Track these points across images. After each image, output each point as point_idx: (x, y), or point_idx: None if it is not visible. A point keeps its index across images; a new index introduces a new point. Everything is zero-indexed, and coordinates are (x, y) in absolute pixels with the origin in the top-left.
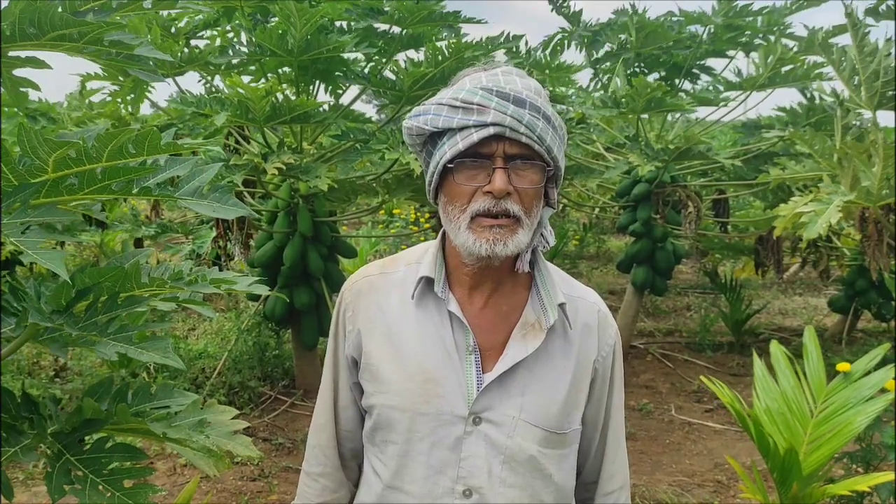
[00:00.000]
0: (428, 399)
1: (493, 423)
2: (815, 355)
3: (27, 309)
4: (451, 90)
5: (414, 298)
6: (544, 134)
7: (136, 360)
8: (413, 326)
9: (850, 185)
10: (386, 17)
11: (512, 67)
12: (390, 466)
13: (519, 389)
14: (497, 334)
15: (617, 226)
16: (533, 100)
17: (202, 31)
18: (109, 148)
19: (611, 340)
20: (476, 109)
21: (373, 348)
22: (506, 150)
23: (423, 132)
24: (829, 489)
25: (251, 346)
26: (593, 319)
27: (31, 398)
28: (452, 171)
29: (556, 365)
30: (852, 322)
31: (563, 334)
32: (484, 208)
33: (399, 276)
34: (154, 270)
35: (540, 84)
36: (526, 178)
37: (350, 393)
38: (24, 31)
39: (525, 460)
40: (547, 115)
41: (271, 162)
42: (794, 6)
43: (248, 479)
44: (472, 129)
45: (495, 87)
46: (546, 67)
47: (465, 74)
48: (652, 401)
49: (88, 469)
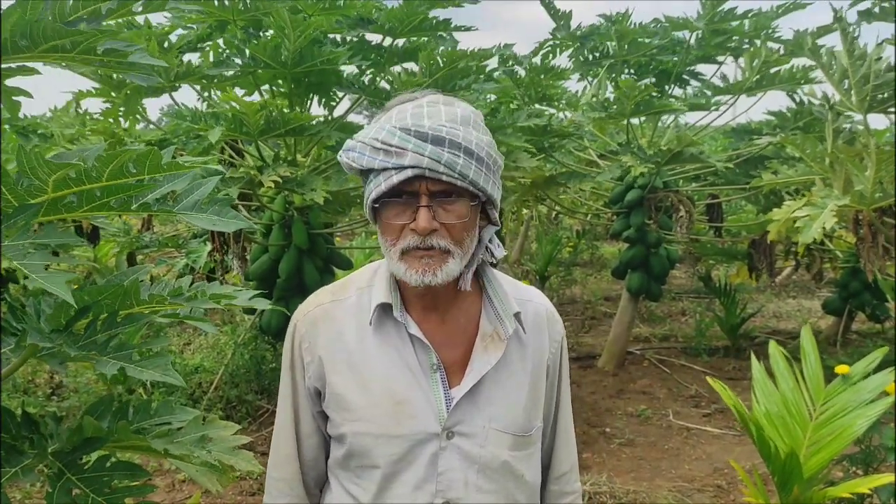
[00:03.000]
0: (399, 421)
1: (465, 435)
2: (813, 357)
3: (26, 329)
4: (375, 125)
5: (372, 324)
6: (465, 170)
7: (132, 377)
8: (375, 351)
9: (843, 188)
10: (376, 27)
11: (439, 95)
12: (370, 490)
13: (486, 400)
14: (458, 349)
15: (610, 232)
16: (454, 136)
17: (196, 45)
18: (110, 168)
19: (558, 336)
20: (395, 152)
21: (336, 378)
22: (429, 188)
23: (353, 168)
24: (829, 492)
25: (248, 359)
26: (542, 320)
27: (31, 417)
28: (378, 209)
29: (515, 370)
30: (847, 324)
31: (517, 339)
32: (412, 245)
33: (352, 302)
34: (153, 287)
35: (469, 107)
36: (453, 212)
37: (313, 422)
38: (17, 43)
39: (498, 466)
40: (469, 150)
41: (267, 175)
42: (781, 9)
43: (247, 494)
44: (392, 171)
45: (414, 127)
46: (540, 72)
47: (395, 104)
48: (650, 406)
49: (89, 488)
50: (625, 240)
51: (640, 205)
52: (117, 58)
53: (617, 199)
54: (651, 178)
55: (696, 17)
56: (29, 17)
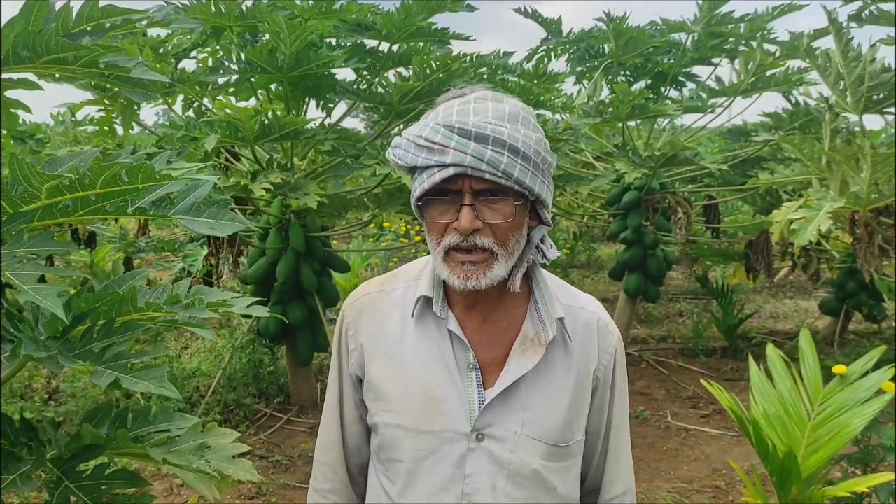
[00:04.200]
0: (431, 417)
1: (495, 438)
2: (812, 358)
3: (22, 339)
4: (421, 122)
5: (413, 317)
6: (510, 168)
7: None
8: (414, 345)
9: (840, 189)
10: (374, 33)
11: (488, 91)
12: (397, 484)
13: (520, 405)
14: (497, 350)
15: (608, 233)
16: (498, 133)
17: (192, 52)
18: (103, 178)
19: (611, 349)
20: (437, 149)
21: (375, 367)
22: (472, 186)
23: (400, 166)
24: (828, 491)
25: (245, 363)
26: (593, 329)
27: (29, 423)
28: (423, 207)
29: (557, 378)
30: (843, 324)
31: (563, 346)
32: (454, 244)
33: (399, 294)
34: (150, 294)
35: (519, 103)
36: (497, 211)
37: (356, 409)
38: (18, 54)
39: (529, 474)
40: (514, 147)
41: (259, 182)
42: (776, 11)
43: (245, 498)
44: (434, 168)
45: (458, 124)
46: (534, 77)
47: (443, 100)
48: (648, 408)
49: (88, 496)
50: (622, 241)
51: (638, 206)
52: (119, 72)
53: (614, 201)
54: (648, 180)
55: (692, 20)
56: (32, 29)
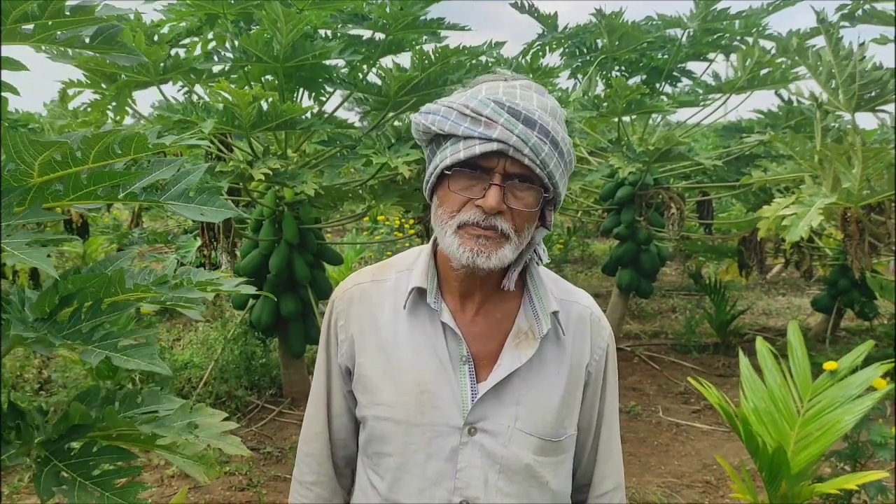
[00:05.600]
0: (423, 410)
1: (488, 432)
2: (801, 352)
3: (10, 320)
4: (464, 95)
5: (406, 309)
6: (548, 159)
7: (121, 371)
8: (406, 337)
9: (832, 186)
10: (370, 23)
11: (532, 83)
12: (386, 479)
13: (513, 399)
14: (490, 343)
15: (601, 229)
16: (545, 122)
17: (185, 39)
18: (96, 150)
19: (603, 343)
20: (484, 122)
21: (366, 359)
22: (506, 168)
23: (430, 131)
24: (817, 488)
25: (237, 355)
26: (586, 323)
27: (18, 407)
28: (449, 177)
29: (549, 372)
30: (835, 321)
31: (556, 340)
32: (473, 220)
33: (391, 284)
34: (138, 275)
35: (557, 103)
36: (522, 199)
37: (344, 401)
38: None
39: (521, 469)
40: (555, 140)
41: (258, 168)
42: (771, 7)
43: (236, 489)
44: (475, 140)
45: (508, 103)
46: (529, 71)
47: (483, 80)
48: (639, 403)
49: (76, 472)
50: (615, 237)
51: (631, 202)
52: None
53: (608, 196)
54: (642, 176)
55: (688, 16)
56: None
